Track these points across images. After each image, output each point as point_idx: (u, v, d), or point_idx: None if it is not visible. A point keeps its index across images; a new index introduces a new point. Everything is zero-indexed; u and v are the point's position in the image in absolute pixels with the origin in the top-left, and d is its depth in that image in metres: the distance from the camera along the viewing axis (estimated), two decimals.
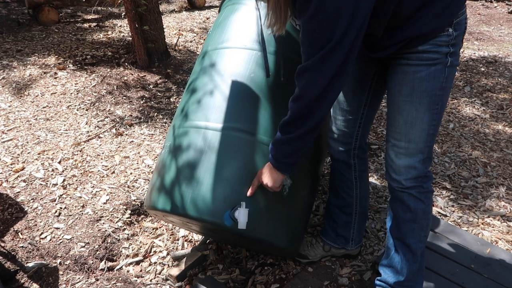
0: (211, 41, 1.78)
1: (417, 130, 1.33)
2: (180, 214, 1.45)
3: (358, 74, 1.51)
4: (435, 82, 1.26)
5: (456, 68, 1.32)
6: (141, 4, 3.80)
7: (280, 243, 1.50)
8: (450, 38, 1.22)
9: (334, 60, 1.10)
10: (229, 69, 1.62)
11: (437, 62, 1.24)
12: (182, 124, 1.61)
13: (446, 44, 1.23)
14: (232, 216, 1.39)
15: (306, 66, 1.15)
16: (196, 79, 1.70)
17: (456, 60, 1.28)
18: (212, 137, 1.50)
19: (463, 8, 1.24)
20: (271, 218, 1.48)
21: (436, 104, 1.30)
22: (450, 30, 1.22)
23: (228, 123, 1.51)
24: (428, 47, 1.23)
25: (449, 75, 1.28)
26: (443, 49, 1.23)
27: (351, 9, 1.04)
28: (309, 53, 1.13)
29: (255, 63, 1.59)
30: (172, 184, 1.50)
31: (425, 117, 1.31)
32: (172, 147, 1.59)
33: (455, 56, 1.26)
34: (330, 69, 1.12)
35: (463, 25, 1.25)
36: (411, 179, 1.41)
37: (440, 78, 1.26)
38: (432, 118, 1.32)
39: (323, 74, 1.13)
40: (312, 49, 1.12)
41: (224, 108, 1.54)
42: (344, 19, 1.05)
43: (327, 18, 1.06)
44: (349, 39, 1.08)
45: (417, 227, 1.47)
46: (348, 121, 1.59)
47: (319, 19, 1.07)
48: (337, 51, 1.09)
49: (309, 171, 1.66)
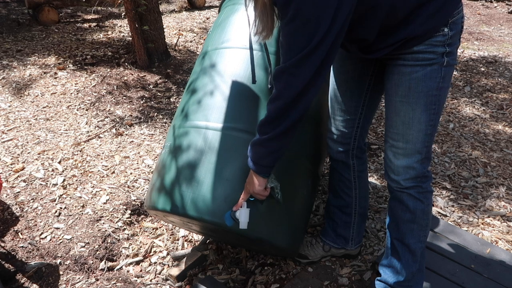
0: (211, 41, 1.78)
1: (414, 131, 1.33)
2: (180, 214, 1.45)
3: (356, 75, 1.50)
4: (431, 82, 1.26)
5: (454, 67, 1.31)
6: (141, 4, 3.80)
7: (281, 243, 1.50)
8: (446, 38, 1.22)
9: (311, 64, 1.12)
10: (229, 69, 1.61)
11: (433, 62, 1.24)
12: (182, 124, 1.61)
13: (442, 44, 1.22)
14: (233, 216, 1.38)
15: (283, 69, 1.16)
16: (196, 79, 1.70)
17: (453, 60, 1.27)
18: (213, 137, 1.50)
19: (459, 7, 1.23)
20: (272, 218, 1.48)
21: (433, 104, 1.30)
22: (446, 29, 1.21)
23: (228, 123, 1.51)
24: (423, 48, 1.23)
25: (446, 75, 1.27)
26: (439, 49, 1.23)
27: (329, 15, 1.04)
28: (287, 56, 1.14)
29: (256, 63, 1.59)
30: (172, 184, 1.50)
31: (422, 118, 1.31)
32: (172, 147, 1.59)
33: (452, 56, 1.26)
34: (306, 72, 1.13)
35: (459, 24, 1.25)
36: (409, 179, 1.41)
37: (436, 78, 1.26)
38: (429, 118, 1.32)
39: (300, 77, 1.14)
40: (290, 52, 1.13)
41: (224, 108, 1.54)
42: (322, 25, 1.05)
43: (305, 24, 1.06)
44: (326, 44, 1.08)
45: (416, 227, 1.47)
46: (346, 122, 1.59)
47: (297, 24, 1.08)
48: (313, 55, 1.10)
49: (309, 171, 1.66)
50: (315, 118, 1.73)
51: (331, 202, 1.78)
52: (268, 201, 1.45)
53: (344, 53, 1.49)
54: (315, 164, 1.72)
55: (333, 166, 1.73)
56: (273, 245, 1.50)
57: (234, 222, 1.38)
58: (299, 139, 1.60)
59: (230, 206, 1.41)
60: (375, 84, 1.52)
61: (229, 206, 1.41)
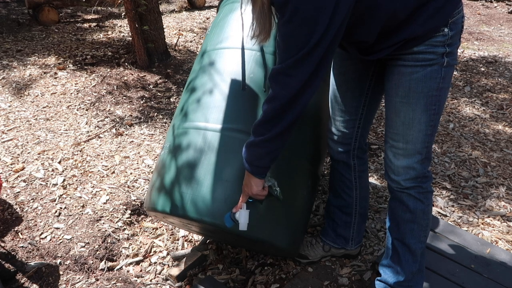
0: (210, 40, 1.78)
1: (414, 131, 1.33)
2: (180, 215, 1.45)
3: (356, 75, 1.50)
4: (431, 82, 1.26)
5: (454, 67, 1.31)
6: (141, 4, 3.80)
7: (281, 243, 1.50)
8: (446, 38, 1.21)
9: (308, 65, 1.11)
10: (228, 68, 1.61)
11: (433, 63, 1.24)
12: (181, 124, 1.61)
13: (442, 44, 1.22)
14: (232, 217, 1.38)
15: (280, 69, 1.15)
16: (195, 78, 1.70)
17: (454, 60, 1.27)
18: (212, 138, 1.50)
19: (459, 7, 1.22)
20: (271, 218, 1.48)
21: (433, 104, 1.29)
22: (446, 30, 1.21)
23: (227, 124, 1.51)
24: (423, 48, 1.22)
25: (446, 75, 1.27)
26: (439, 49, 1.22)
27: (327, 16, 1.04)
28: (284, 56, 1.14)
29: (255, 63, 1.59)
30: (172, 185, 1.50)
31: (422, 118, 1.31)
32: (172, 147, 1.59)
33: (452, 56, 1.26)
34: (303, 73, 1.12)
35: (459, 24, 1.24)
36: (409, 180, 1.41)
37: (436, 79, 1.26)
38: (429, 118, 1.31)
39: (296, 78, 1.14)
40: (287, 53, 1.12)
41: (224, 108, 1.54)
42: (320, 25, 1.05)
43: (302, 24, 1.06)
44: (323, 46, 1.08)
45: (416, 227, 1.47)
46: (347, 122, 1.59)
47: (294, 25, 1.07)
48: (310, 57, 1.09)
49: (309, 171, 1.66)
50: (315, 118, 1.72)
51: (331, 202, 1.78)
52: (267, 201, 1.45)
53: (344, 54, 1.49)
54: (315, 164, 1.72)
55: (333, 166, 1.72)
56: (273, 246, 1.50)
57: (233, 224, 1.38)
58: (299, 139, 1.60)
59: (230, 207, 1.40)
60: (376, 84, 1.52)
61: (229, 207, 1.40)
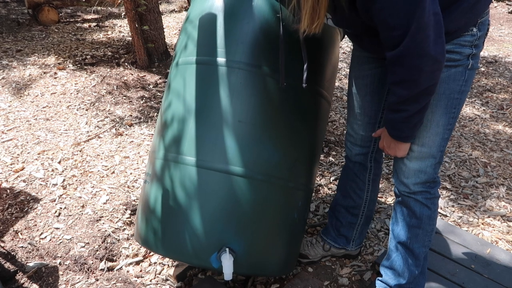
0: (180, 49, 1.59)
1: (431, 134, 1.29)
2: (164, 255, 1.44)
3: (376, 79, 1.48)
4: (454, 84, 1.22)
5: (475, 72, 1.26)
6: (141, 4, 3.80)
7: (271, 273, 1.50)
8: (474, 38, 1.18)
9: (423, 28, 1.00)
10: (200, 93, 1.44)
11: (458, 64, 1.20)
12: (159, 155, 1.52)
13: (470, 45, 1.19)
14: (219, 258, 1.35)
15: (402, 52, 1.05)
16: (169, 106, 1.56)
17: (477, 63, 1.24)
18: (191, 172, 1.41)
19: (488, 8, 1.19)
20: (262, 253, 1.44)
21: (453, 107, 1.26)
22: (475, 29, 1.17)
23: (203, 157, 1.40)
24: (451, 47, 1.18)
25: (469, 78, 1.23)
26: (466, 50, 1.19)
27: None
28: (394, 35, 1.04)
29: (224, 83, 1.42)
30: (156, 221, 1.46)
31: (441, 121, 1.27)
32: (154, 180, 1.53)
33: (476, 59, 1.22)
34: (425, 39, 1.02)
35: (486, 25, 1.21)
36: (419, 184, 1.38)
37: (459, 81, 1.22)
38: (448, 122, 1.28)
39: (420, 49, 1.03)
40: (397, 30, 1.03)
41: (196, 140, 1.43)
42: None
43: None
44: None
45: (421, 232, 1.44)
46: (366, 125, 1.56)
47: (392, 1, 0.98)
48: (422, 14, 0.99)
49: (299, 194, 1.57)
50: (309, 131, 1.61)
51: (338, 201, 1.76)
52: (258, 234, 1.41)
53: (363, 57, 1.47)
54: (308, 179, 1.62)
55: (348, 167, 1.70)
56: (264, 276, 1.50)
57: (220, 264, 1.35)
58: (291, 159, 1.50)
59: (215, 248, 1.36)
60: None
61: (215, 247, 1.36)
